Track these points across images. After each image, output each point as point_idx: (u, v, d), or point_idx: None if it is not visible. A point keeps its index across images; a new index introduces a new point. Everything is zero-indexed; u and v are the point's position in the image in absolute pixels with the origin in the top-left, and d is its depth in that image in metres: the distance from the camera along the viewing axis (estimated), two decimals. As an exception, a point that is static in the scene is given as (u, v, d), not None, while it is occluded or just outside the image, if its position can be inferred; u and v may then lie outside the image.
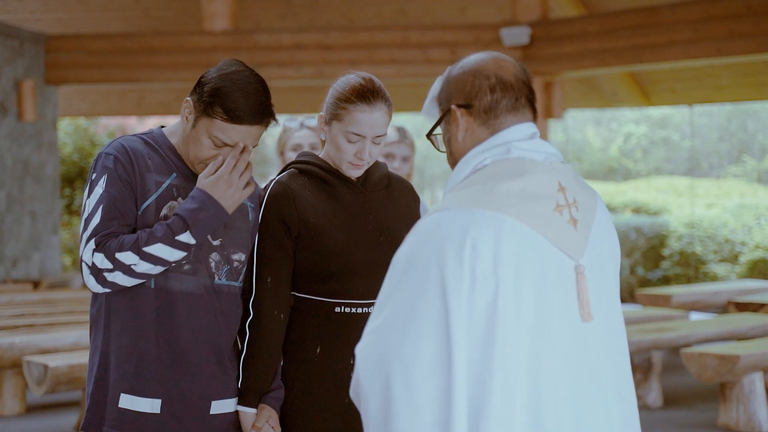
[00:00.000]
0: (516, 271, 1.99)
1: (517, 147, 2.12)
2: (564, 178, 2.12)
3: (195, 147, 2.71)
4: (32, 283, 11.32)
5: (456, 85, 2.18)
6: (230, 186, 2.68)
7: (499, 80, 2.14)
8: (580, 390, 2.03)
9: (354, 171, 2.93)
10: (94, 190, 2.70)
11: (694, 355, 6.56)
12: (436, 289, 1.98)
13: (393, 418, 1.97)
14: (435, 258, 2.00)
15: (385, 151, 4.38)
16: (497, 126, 2.15)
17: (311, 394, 2.89)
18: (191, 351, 2.75)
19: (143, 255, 2.63)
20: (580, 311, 2.04)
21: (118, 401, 2.71)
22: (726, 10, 9.99)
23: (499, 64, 2.16)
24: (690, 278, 14.34)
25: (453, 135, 2.19)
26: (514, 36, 11.11)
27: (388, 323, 2.01)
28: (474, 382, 1.98)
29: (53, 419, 7.07)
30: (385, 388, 1.98)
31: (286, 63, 11.47)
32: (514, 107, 2.15)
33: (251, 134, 2.69)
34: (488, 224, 2.01)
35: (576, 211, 2.10)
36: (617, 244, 2.21)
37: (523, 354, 1.99)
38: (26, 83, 11.58)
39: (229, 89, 2.65)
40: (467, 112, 2.16)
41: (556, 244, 2.05)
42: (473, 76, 2.16)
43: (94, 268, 2.65)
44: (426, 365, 1.96)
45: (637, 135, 23.73)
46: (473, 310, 1.97)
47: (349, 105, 2.86)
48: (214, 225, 2.68)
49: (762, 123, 22.86)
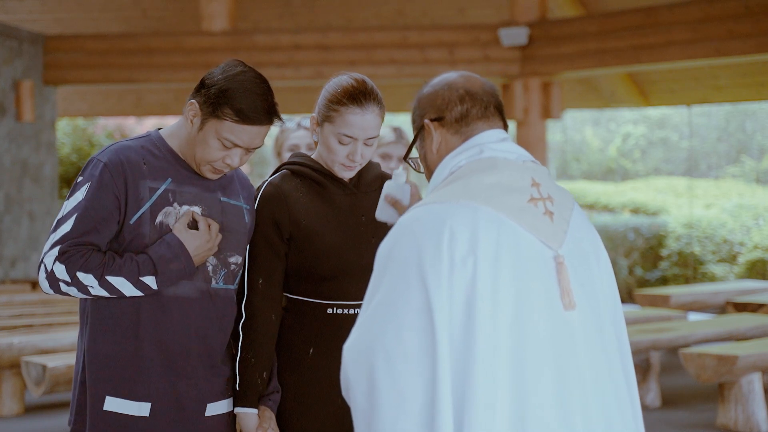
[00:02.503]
0: (494, 257, 2.03)
1: (489, 147, 2.19)
2: (537, 175, 2.18)
3: (203, 149, 2.70)
4: (31, 283, 11.31)
5: (427, 102, 2.26)
6: (207, 242, 2.70)
7: (467, 91, 2.23)
8: (563, 376, 2.04)
9: (346, 172, 2.92)
10: (75, 194, 2.69)
11: (692, 355, 6.56)
12: (416, 277, 2.02)
13: (378, 407, 2.00)
14: (414, 248, 2.04)
15: (382, 151, 4.39)
16: (469, 133, 2.22)
17: (304, 395, 2.88)
18: (184, 354, 2.73)
19: (103, 282, 2.63)
20: (562, 299, 2.07)
21: (102, 404, 2.69)
22: (724, 10, 9.99)
23: (466, 78, 2.25)
24: (688, 278, 14.34)
25: (428, 149, 2.26)
26: (512, 36, 11.10)
27: (372, 316, 2.05)
28: (458, 369, 2.00)
29: (52, 419, 7.07)
30: (370, 377, 2.01)
31: (285, 63, 11.47)
32: (484, 115, 2.23)
33: (260, 134, 2.70)
34: (465, 213, 2.06)
35: (551, 205, 2.14)
36: (599, 242, 2.24)
37: (503, 340, 2.01)
38: (25, 83, 11.58)
39: (237, 90, 2.65)
40: (440, 124, 2.23)
41: (533, 233, 2.08)
42: (443, 89, 2.24)
43: (51, 276, 2.65)
44: (409, 352, 1.99)
45: (636, 135, 23.74)
46: (453, 296, 2.00)
47: (341, 107, 2.85)
48: (181, 278, 2.69)
49: (760, 123, 22.86)
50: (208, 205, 2.77)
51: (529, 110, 11.44)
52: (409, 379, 1.99)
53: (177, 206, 2.73)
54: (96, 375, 2.70)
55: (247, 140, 2.68)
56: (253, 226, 2.89)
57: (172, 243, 2.67)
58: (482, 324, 2.00)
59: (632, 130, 23.87)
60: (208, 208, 2.77)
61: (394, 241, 2.10)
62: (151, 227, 2.69)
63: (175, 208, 2.72)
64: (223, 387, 2.82)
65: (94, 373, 2.70)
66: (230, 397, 2.84)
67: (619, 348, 2.21)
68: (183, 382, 2.73)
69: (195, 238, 2.69)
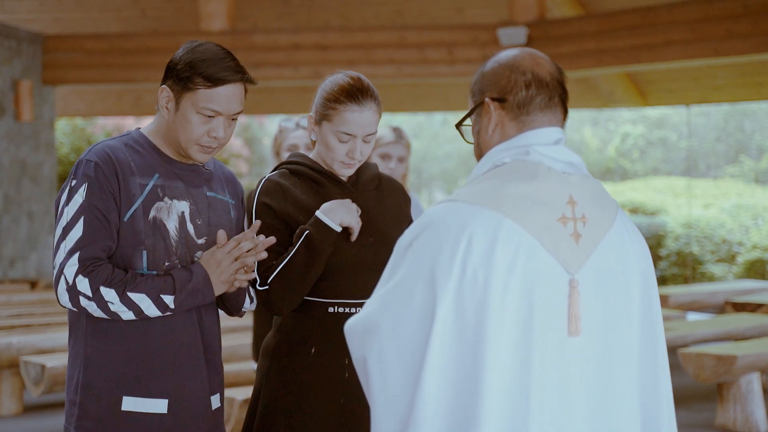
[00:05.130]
0: (507, 274, 1.99)
1: (537, 151, 2.11)
2: (577, 191, 2.10)
3: (185, 129, 2.71)
4: (29, 283, 11.31)
5: (491, 79, 2.17)
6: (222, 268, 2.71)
7: (535, 77, 2.13)
8: (561, 402, 2.02)
9: (346, 170, 2.93)
10: (74, 198, 2.67)
11: (691, 355, 6.57)
12: (426, 279, 2.01)
13: (372, 400, 2.04)
14: (431, 249, 2.02)
15: (381, 151, 4.39)
16: (528, 123, 2.14)
17: (305, 394, 2.88)
18: (190, 348, 2.74)
19: (124, 297, 2.63)
20: (568, 325, 2.03)
21: (120, 405, 2.69)
22: (723, 10, 9.99)
23: (535, 60, 2.15)
24: (687, 278, 14.35)
25: (483, 128, 2.18)
26: (511, 36, 11.11)
27: (378, 302, 2.06)
28: (463, 385, 1.98)
29: (50, 419, 7.07)
30: (364, 369, 2.05)
31: (283, 63, 11.47)
32: (547, 105, 2.14)
33: (236, 96, 2.72)
34: (487, 223, 2.01)
35: (582, 227, 2.07)
36: (635, 265, 2.14)
37: (507, 356, 1.98)
38: (23, 83, 11.57)
39: (201, 60, 2.71)
40: (500, 106, 2.15)
41: (552, 253, 2.03)
42: (509, 70, 2.15)
43: (73, 289, 2.63)
44: (401, 350, 2.00)
45: (635, 135, 23.76)
46: (462, 305, 1.99)
47: (339, 105, 2.86)
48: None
49: (759, 123, 22.88)
50: (195, 200, 2.78)
51: (527, 110, 11.43)
52: (399, 379, 2.00)
53: (168, 200, 2.73)
54: (108, 377, 2.69)
55: (224, 105, 2.70)
56: (239, 221, 2.90)
57: (195, 269, 2.70)
58: (492, 337, 1.98)
59: (631, 129, 23.90)
60: (195, 203, 2.78)
61: (416, 234, 2.07)
62: (145, 223, 2.69)
63: (166, 202, 2.72)
64: (219, 381, 2.85)
65: (105, 375, 2.69)
66: (221, 391, 2.87)
67: (654, 374, 2.16)
68: (193, 377, 2.74)
69: (211, 259, 2.72)
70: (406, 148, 4.44)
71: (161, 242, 2.70)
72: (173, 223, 2.72)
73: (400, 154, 4.41)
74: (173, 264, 2.72)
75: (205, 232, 2.79)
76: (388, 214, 3.00)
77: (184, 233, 2.74)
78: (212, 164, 2.90)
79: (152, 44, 11.84)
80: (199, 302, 2.71)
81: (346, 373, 2.86)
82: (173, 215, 2.73)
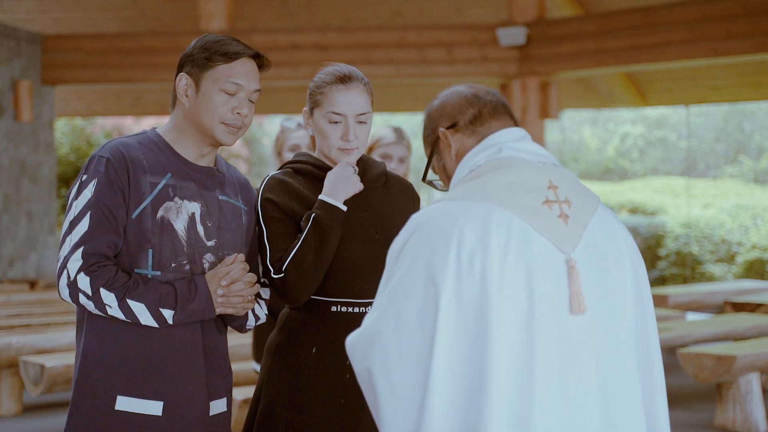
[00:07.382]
0: (503, 257, 2.02)
1: (508, 147, 2.20)
2: (555, 177, 2.16)
3: (208, 108, 2.74)
4: (29, 283, 11.31)
5: (437, 114, 2.29)
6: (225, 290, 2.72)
7: (474, 95, 2.27)
8: (567, 382, 2.04)
9: (345, 156, 2.93)
10: (83, 192, 2.68)
11: (690, 355, 6.57)
12: (423, 278, 2.03)
13: (379, 407, 2.05)
14: (424, 249, 2.05)
15: (382, 151, 4.39)
16: (484, 131, 2.24)
17: (306, 394, 2.88)
18: (191, 352, 2.73)
19: (123, 304, 2.63)
20: (571, 303, 2.05)
21: (114, 404, 2.68)
22: (722, 10, 10.00)
23: (470, 86, 2.29)
24: (686, 278, 14.35)
25: (447, 159, 2.28)
26: (510, 36, 11.11)
27: (377, 311, 2.08)
28: (470, 373, 2.00)
29: (50, 419, 7.06)
30: (369, 381, 2.05)
31: (283, 63, 11.47)
32: (496, 112, 2.26)
33: (253, 72, 2.78)
34: (477, 213, 2.06)
35: (567, 208, 2.12)
36: (623, 248, 2.18)
37: (514, 342, 2.00)
38: (23, 83, 11.57)
39: (214, 40, 2.78)
40: (455, 130, 2.26)
41: (544, 235, 2.07)
42: (450, 99, 2.28)
43: (73, 285, 2.63)
44: (404, 352, 2.02)
45: (634, 135, 23.76)
46: (462, 294, 2.01)
47: (325, 88, 2.92)
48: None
49: (758, 123, 22.89)
50: (206, 202, 2.77)
51: (527, 110, 11.45)
52: (406, 380, 2.01)
53: (178, 201, 2.73)
54: (105, 375, 2.69)
55: (244, 79, 2.75)
56: (250, 227, 2.89)
57: (199, 287, 2.70)
58: (495, 324, 2.00)
59: (630, 129, 23.90)
60: (206, 205, 2.77)
61: (407, 238, 2.11)
62: (153, 222, 2.69)
63: (176, 202, 2.72)
64: (224, 385, 2.83)
65: (102, 374, 2.69)
66: (228, 395, 2.85)
67: (647, 354, 2.19)
68: (191, 381, 2.73)
69: (213, 277, 2.72)
70: (407, 148, 4.45)
71: (169, 242, 2.69)
72: (182, 224, 2.72)
73: (401, 155, 4.42)
74: (180, 265, 2.71)
75: (215, 234, 2.78)
76: (395, 211, 3.01)
77: (194, 234, 2.73)
78: (226, 169, 2.91)
79: (151, 44, 11.84)
80: (199, 319, 2.72)
81: (348, 374, 2.86)
82: (182, 216, 2.72)
